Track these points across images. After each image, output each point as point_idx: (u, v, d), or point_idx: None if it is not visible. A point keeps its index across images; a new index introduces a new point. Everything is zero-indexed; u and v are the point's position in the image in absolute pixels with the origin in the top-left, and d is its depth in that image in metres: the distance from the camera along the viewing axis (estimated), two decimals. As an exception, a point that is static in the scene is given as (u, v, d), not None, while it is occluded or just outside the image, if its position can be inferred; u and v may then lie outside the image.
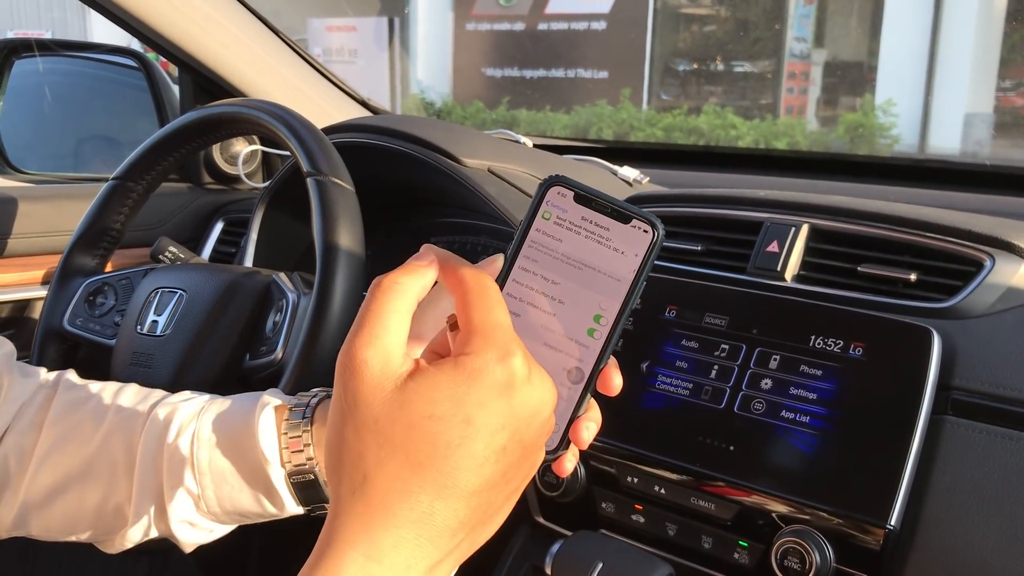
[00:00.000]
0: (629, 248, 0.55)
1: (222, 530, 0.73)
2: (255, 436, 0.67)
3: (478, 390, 0.45)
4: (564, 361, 0.57)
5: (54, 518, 0.71)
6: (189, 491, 0.68)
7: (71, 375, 0.77)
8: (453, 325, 0.50)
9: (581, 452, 0.87)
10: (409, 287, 0.47)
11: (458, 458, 0.44)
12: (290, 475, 0.66)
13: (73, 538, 0.72)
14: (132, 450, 0.70)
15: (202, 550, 0.74)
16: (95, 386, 0.76)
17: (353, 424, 0.45)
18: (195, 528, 0.70)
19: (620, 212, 0.55)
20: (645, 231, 0.55)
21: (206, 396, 0.74)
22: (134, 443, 0.70)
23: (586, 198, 0.56)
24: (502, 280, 0.58)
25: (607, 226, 0.56)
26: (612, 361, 0.57)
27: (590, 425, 0.57)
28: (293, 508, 0.68)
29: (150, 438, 0.70)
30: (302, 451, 0.66)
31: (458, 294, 0.48)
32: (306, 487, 0.66)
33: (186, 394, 0.74)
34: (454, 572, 0.48)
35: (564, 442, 0.57)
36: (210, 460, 0.68)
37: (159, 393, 0.75)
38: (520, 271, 0.57)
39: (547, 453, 0.57)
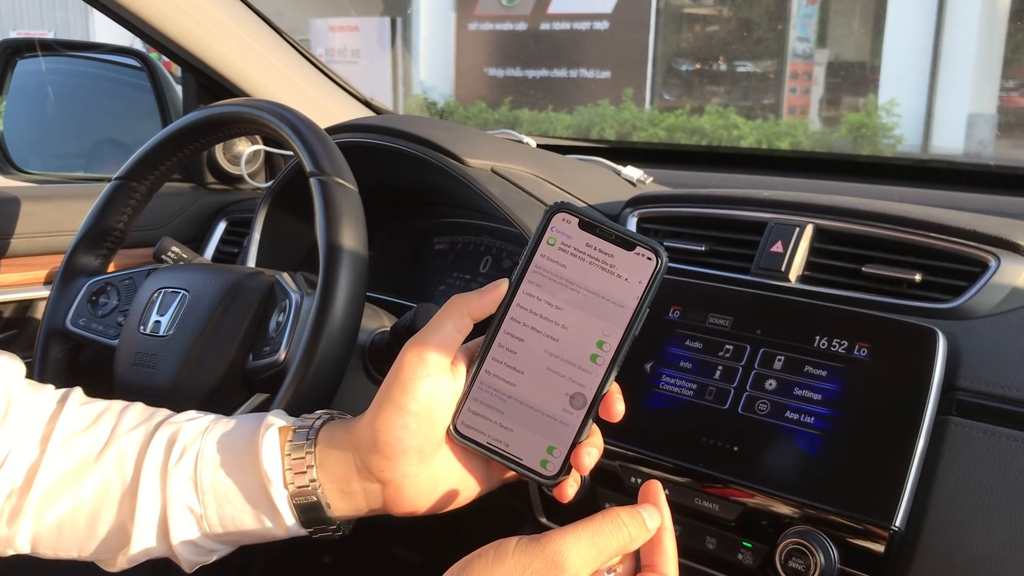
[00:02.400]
0: (633, 275, 0.55)
1: (223, 551, 0.73)
2: (258, 457, 0.67)
3: None
4: (566, 386, 0.57)
5: (57, 536, 0.71)
6: (192, 511, 0.68)
7: (78, 393, 0.77)
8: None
9: (584, 453, 0.87)
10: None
11: None
12: (293, 496, 0.66)
13: (76, 556, 0.72)
14: (136, 469, 0.70)
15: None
16: (101, 404, 0.76)
17: None
18: (197, 548, 0.70)
19: (624, 239, 0.56)
20: (649, 258, 0.55)
21: (211, 416, 0.74)
22: (138, 462, 0.70)
23: (591, 225, 0.56)
24: (506, 305, 0.58)
25: (611, 253, 0.56)
26: (615, 387, 0.57)
27: (591, 451, 0.57)
28: (295, 530, 0.68)
29: (154, 457, 0.70)
30: (305, 472, 0.66)
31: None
32: (308, 509, 0.66)
33: (191, 414, 0.75)
34: None
35: (565, 467, 0.57)
36: (213, 480, 0.68)
37: (164, 412, 0.75)
38: (524, 296, 0.57)
39: (548, 478, 0.57)
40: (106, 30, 7.52)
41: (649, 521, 0.56)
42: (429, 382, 0.60)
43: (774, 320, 0.84)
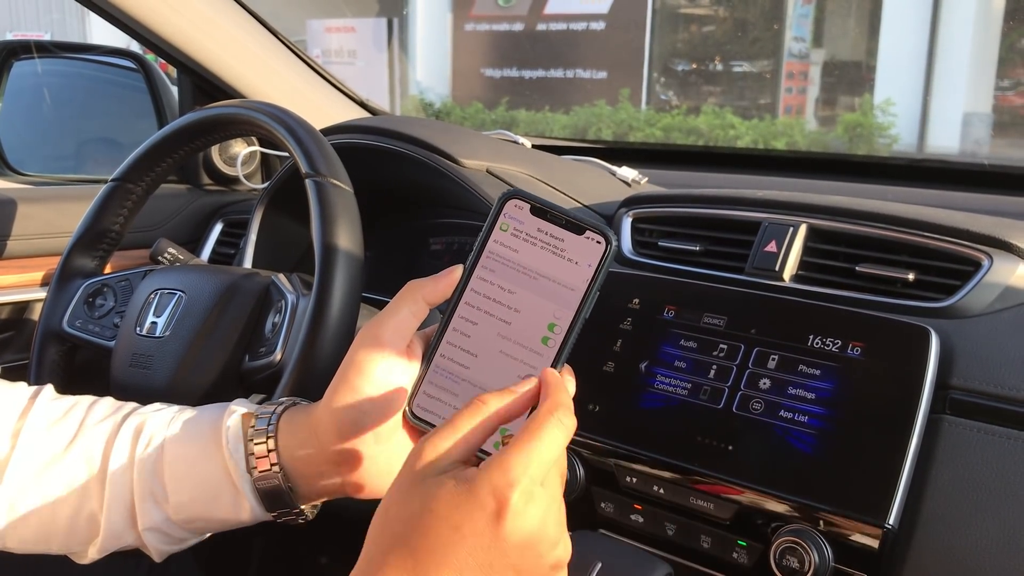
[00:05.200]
0: (583, 259, 0.57)
1: (192, 539, 0.74)
2: (221, 444, 0.68)
3: (470, 506, 0.49)
4: (519, 368, 0.58)
5: (29, 529, 0.71)
6: (158, 499, 0.69)
7: (49, 389, 0.78)
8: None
9: (580, 451, 0.88)
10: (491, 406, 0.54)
11: (442, 555, 0.49)
12: (256, 482, 0.67)
13: (46, 549, 0.73)
14: (104, 459, 0.71)
15: (204, 552, 0.75)
16: (70, 399, 0.77)
17: (391, 496, 0.52)
18: (165, 536, 0.71)
19: (574, 224, 0.57)
20: (598, 242, 0.57)
21: (177, 407, 0.75)
22: (107, 452, 0.71)
23: (542, 210, 0.58)
24: (460, 290, 0.59)
25: (562, 237, 0.57)
26: (566, 369, 0.58)
27: None
28: (260, 515, 0.69)
29: (121, 447, 0.71)
30: (267, 457, 0.67)
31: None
32: (271, 493, 0.68)
33: (158, 405, 0.76)
34: None
35: None
36: (178, 467, 0.69)
37: (132, 405, 0.77)
38: (478, 280, 0.59)
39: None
40: (102, 32, 7.52)
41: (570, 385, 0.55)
42: (384, 366, 0.61)
43: (768, 320, 0.84)
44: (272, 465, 0.67)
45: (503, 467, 0.50)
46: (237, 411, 0.70)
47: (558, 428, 0.51)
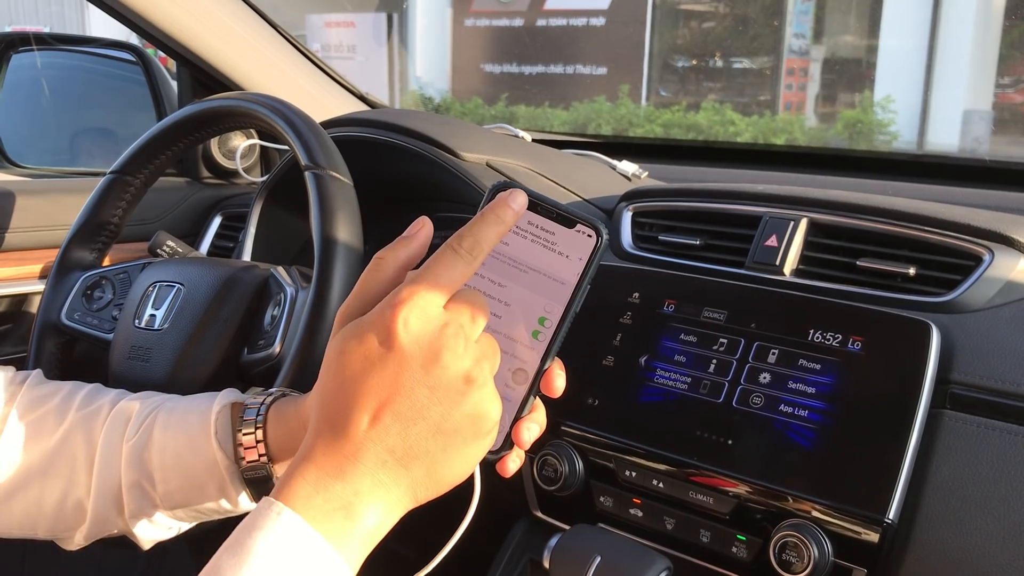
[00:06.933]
0: (573, 252, 0.56)
1: (179, 527, 0.74)
2: (210, 434, 0.68)
3: (369, 333, 0.50)
4: (509, 362, 0.57)
5: (15, 514, 0.71)
6: (145, 487, 0.69)
7: (37, 374, 0.78)
8: None
9: (579, 446, 0.88)
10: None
11: (355, 389, 0.50)
12: (244, 472, 0.67)
13: (32, 535, 0.73)
14: (92, 446, 0.71)
15: (201, 546, 0.74)
16: (59, 384, 0.77)
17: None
18: (152, 524, 0.71)
19: (565, 217, 0.57)
20: (589, 236, 0.56)
21: (165, 395, 0.75)
22: (94, 439, 0.71)
23: (533, 203, 0.57)
24: None
25: (553, 231, 0.57)
26: (557, 362, 0.57)
27: (532, 426, 0.57)
28: (247, 505, 0.69)
29: (110, 434, 0.71)
30: (255, 447, 0.67)
31: None
32: (259, 483, 0.68)
33: (147, 393, 0.76)
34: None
35: (507, 443, 0.57)
36: (166, 456, 0.69)
37: (120, 392, 0.76)
38: None
39: (490, 453, 0.57)
40: (101, 25, 7.51)
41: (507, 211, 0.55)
42: None
43: (768, 314, 0.84)
44: (260, 456, 0.67)
45: (393, 293, 0.51)
46: (226, 401, 0.70)
47: (450, 253, 0.52)
